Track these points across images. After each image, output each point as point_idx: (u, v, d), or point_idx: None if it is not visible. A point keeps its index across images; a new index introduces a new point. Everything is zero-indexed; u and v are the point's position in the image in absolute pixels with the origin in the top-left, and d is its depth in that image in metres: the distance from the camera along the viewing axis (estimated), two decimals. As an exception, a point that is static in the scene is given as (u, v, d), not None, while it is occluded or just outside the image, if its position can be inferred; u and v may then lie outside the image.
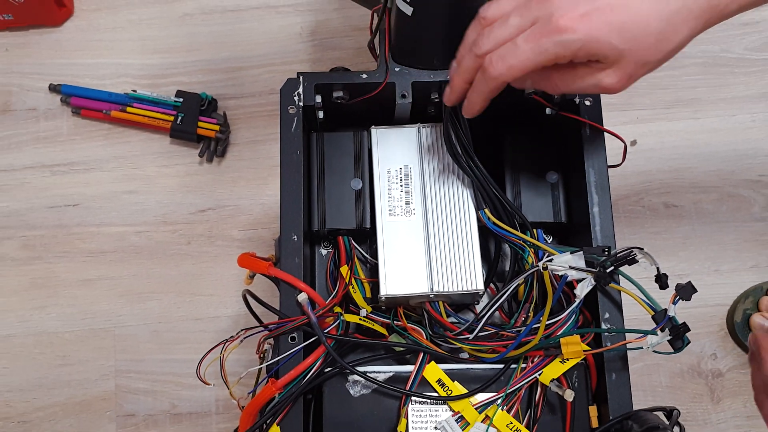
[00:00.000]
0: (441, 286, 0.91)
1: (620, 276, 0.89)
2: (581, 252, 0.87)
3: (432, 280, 0.92)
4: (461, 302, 1.00)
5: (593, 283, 0.86)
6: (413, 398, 0.89)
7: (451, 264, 0.93)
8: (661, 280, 0.85)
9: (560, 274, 0.87)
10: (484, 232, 0.96)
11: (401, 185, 0.98)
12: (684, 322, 0.83)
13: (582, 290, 0.86)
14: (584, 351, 0.86)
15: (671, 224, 1.45)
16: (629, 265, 0.86)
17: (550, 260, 0.87)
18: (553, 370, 0.88)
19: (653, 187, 1.46)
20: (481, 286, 0.92)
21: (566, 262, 0.86)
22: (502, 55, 0.77)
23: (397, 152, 1.01)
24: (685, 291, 0.82)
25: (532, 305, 0.94)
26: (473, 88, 0.83)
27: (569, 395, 0.87)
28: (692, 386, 1.38)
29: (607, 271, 0.85)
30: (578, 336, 0.86)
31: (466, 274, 0.92)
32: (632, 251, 0.85)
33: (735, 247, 1.44)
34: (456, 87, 0.86)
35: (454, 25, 0.97)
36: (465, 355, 0.92)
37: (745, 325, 1.37)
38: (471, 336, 0.90)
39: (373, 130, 1.02)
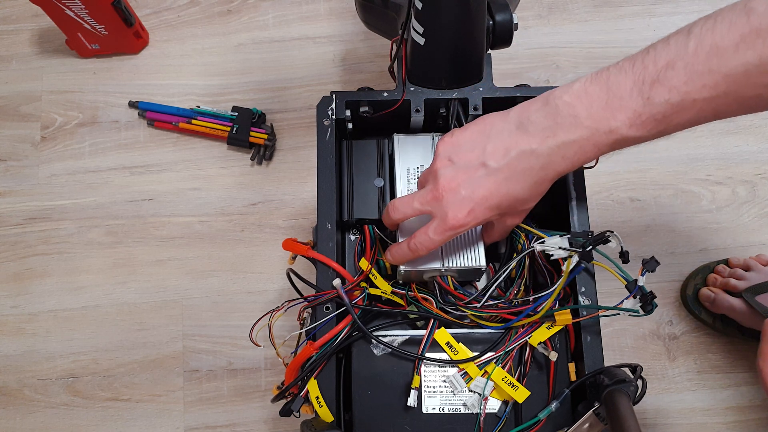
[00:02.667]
0: (451, 263, 0.92)
1: (597, 254, 0.89)
2: (568, 235, 0.88)
3: (443, 257, 0.92)
4: (465, 279, 0.99)
5: (578, 259, 0.86)
6: (422, 361, 0.89)
7: (459, 245, 0.93)
8: (624, 256, 0.86)
9: (550, 253, 0.87)
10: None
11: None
12: (651, 291, 0.83)
13: (569, 266, 0.86)
14: (572, 320, 0.87)
15: (635, 215, 1.44)
16: (603, 244, 0.86)
17: (542, 242, 0.88)
18: (541, 334, 0.88)
19: (620, 184, 1.46)
20: (483, 263, 0.92)
21: (555, 244, 0.87)
22: (421, 241, 0.86)
23: (414, 154, 1.01)
24: (650, 264, 0.82)
25: (523, 281, 0.95)
26: (402, 256, 0.90)
27: (553, 356, 0.88)
28: (652, 347, 1.38)
29: (587, 249, 0.85)
30: (569, 310, 0.87)
31: (471, 253, 0.93)
32: (606, 233, 0.85)
33: (687, 234, 1.43)
34: (396, 256, 0.92)
35: (458, 54, 0.97)
36: (467, 321, 0.92)
37: (696, 297, 1.37)
38: (479, 304, 0.90)
39: (395, 137, 1.02)
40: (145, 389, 1.39)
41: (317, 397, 0.86)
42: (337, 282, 0.89)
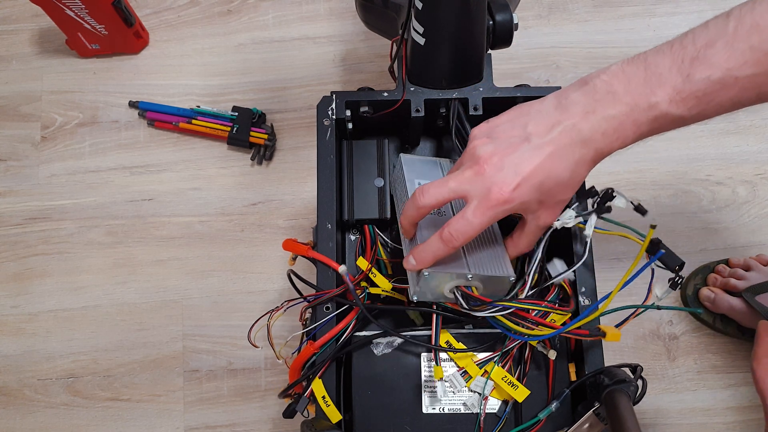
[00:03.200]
0: (477, 269, 0.84)
1: (609, 223, 0.89)
2: (576, 204, 0.86)
3: (468, 264, 0.85)
4: (490, 293, 0.92)
5: (596, 217, 0.86)
6: (427, 356, 0.89)
7: (482, 253, 0.88)
8: (640, 209, 0.86)
9: (569, 225, 0.86)
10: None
11: None
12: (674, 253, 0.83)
13: (590, 228, 0.85)
14: (617, 327, 0.85)
15: (635, 215, 1.43)
16: (610, 200, 0.85)
17: (557, 220, 0.86)
18: (540, 334, 0.88)
19: (620, 184, 1.46)
20: (512, 272, 0.86)
21: (570, 216, 0.85)
22: (458, 228, 0.78)
23: (422, 171, 0.99)
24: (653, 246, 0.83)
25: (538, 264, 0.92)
26: (432, 253, 0.81)
27: (552, 354, 0.88)
28: (653, 347, 1.38)
29: (598, 203, 0.85)
30: (614, 327, 0.84)
31: (497, 262, 0.87)
32: (609, 189, 0.85)
33: (687, 234, 1.44)
34: (423, 256, 0.82)
35: (458, 54, 0.97)
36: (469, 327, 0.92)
37: (696, 297, 1.37)
38: (523, 294, 0.87)
39: (402, 156, 1.02)
40: (145, 389, 1.39)
41: (323, 397, 0.86)
42: (343, 269, 0.89)
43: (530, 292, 0.88)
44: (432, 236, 0.80)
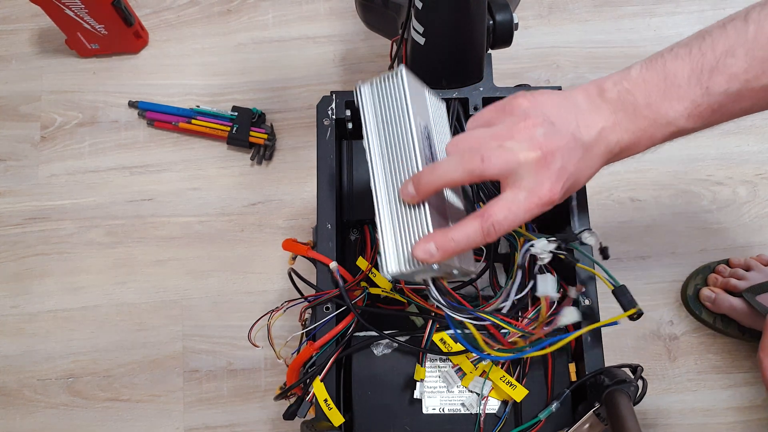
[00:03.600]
0: (462, 264, 0.75)
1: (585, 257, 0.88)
2: (554, 238, 0.84)
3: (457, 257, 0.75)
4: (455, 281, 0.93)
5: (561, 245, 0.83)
6: (426, 356, 0.89)
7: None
8: (604, 252, 0.85)
9: (540, 256, 0.81)
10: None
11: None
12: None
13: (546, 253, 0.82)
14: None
15: (636, 215, 1.44)
16: (581, 243, 0.85)
17: (532, 245, 0.83)
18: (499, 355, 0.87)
19: (621, 184, 1.46)
20: (476, 270, 0.84)
21: (543, 247, 0.81)
22: (500, 220, 0.68)
23: (421, 109, 0.81)
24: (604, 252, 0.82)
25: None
26: (466, 245, 0.69)
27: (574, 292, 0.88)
28: (653, 347, 1.38)
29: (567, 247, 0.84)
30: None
31: (470, 254, 0.81)
32: (583, 231, 0.85)
33: (687, 234, 1.44)
34: (447, 249, 0.69)
35: (458, 54, 0.97)
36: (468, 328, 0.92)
37: (696, 297, 1.37)
38: (505, 310, 0.84)
39: (402, 68, 0.77)
40: (144, 389, 1.39)
41: (325, 400, 0.86)
42: (333, 265, 0.89)
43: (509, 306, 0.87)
44: (467, 224, 0.69)
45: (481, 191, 0.94)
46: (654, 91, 0.71)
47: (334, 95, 0.99)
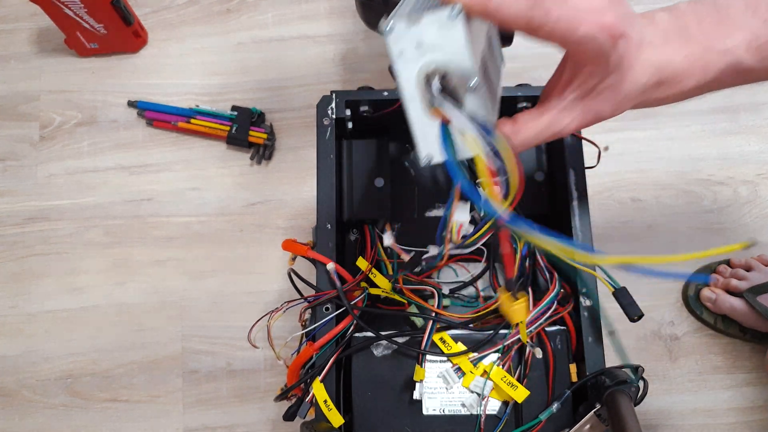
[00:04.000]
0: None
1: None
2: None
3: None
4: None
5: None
6: (425, 356, 0.89)
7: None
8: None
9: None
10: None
11: None
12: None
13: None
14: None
15: (637, 215, 1.44)
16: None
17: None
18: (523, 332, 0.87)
19: (622, 184, 1.46)
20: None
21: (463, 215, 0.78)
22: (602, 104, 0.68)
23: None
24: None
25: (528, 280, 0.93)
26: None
27: (538, 353, 0.88)
28: (654, 348, 1.38)
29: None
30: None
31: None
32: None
33: (688, 234, 1.43)
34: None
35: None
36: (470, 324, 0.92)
37: (697, 297, 1.37)
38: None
39: None
40: (144, 390, 1.39)
41: (325, 401, 0.86)
42: (331, 266, 0.88)
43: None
44: None
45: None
46: (707, 19, 0.65)
47: (334, 95, 0.99)
